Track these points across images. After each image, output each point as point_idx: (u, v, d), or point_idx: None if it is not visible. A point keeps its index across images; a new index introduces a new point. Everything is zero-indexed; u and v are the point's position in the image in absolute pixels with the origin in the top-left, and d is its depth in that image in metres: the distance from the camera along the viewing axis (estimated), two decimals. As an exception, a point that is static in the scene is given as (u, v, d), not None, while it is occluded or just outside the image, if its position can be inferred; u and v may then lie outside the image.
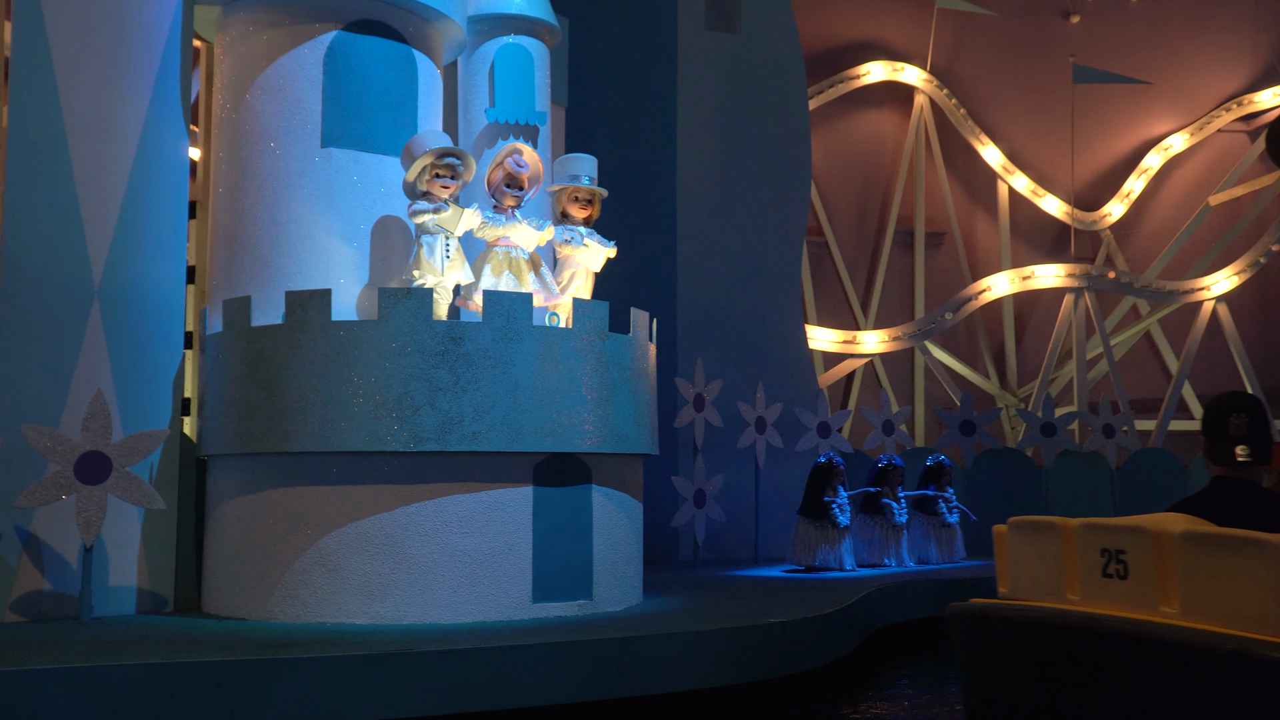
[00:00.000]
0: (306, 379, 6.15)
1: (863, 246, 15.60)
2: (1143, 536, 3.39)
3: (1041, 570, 3.74)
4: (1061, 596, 3.65)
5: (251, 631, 5.76)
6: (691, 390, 10.28)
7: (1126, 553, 3.42)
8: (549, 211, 7.41)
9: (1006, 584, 3.93)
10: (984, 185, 16.18)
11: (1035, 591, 3.76)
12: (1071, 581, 3.62)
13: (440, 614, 6.09)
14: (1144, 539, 3.38)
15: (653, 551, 11.11)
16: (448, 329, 6.14)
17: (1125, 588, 3.41)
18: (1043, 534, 3.76)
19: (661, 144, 11.63)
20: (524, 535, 6.29)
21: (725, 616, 6.39)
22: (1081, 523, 3.63)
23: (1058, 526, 3.71)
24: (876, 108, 15.74)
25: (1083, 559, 3.57)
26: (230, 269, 6.88)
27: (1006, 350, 15.82)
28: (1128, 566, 3.41)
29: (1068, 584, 3.63)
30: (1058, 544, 3.68)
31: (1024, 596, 3.80)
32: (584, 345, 6.47)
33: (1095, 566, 3.52)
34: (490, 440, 6.11)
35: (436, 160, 6.61)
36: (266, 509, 6.31)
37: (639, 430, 6.81)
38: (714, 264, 11.63)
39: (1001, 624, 3.64)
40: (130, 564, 6.64)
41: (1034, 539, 3.80)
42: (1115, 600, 3.44)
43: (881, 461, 10.19)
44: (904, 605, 8.49)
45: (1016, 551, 3.88)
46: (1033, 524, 3.85)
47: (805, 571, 9.41)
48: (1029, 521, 3.89)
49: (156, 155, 6.90)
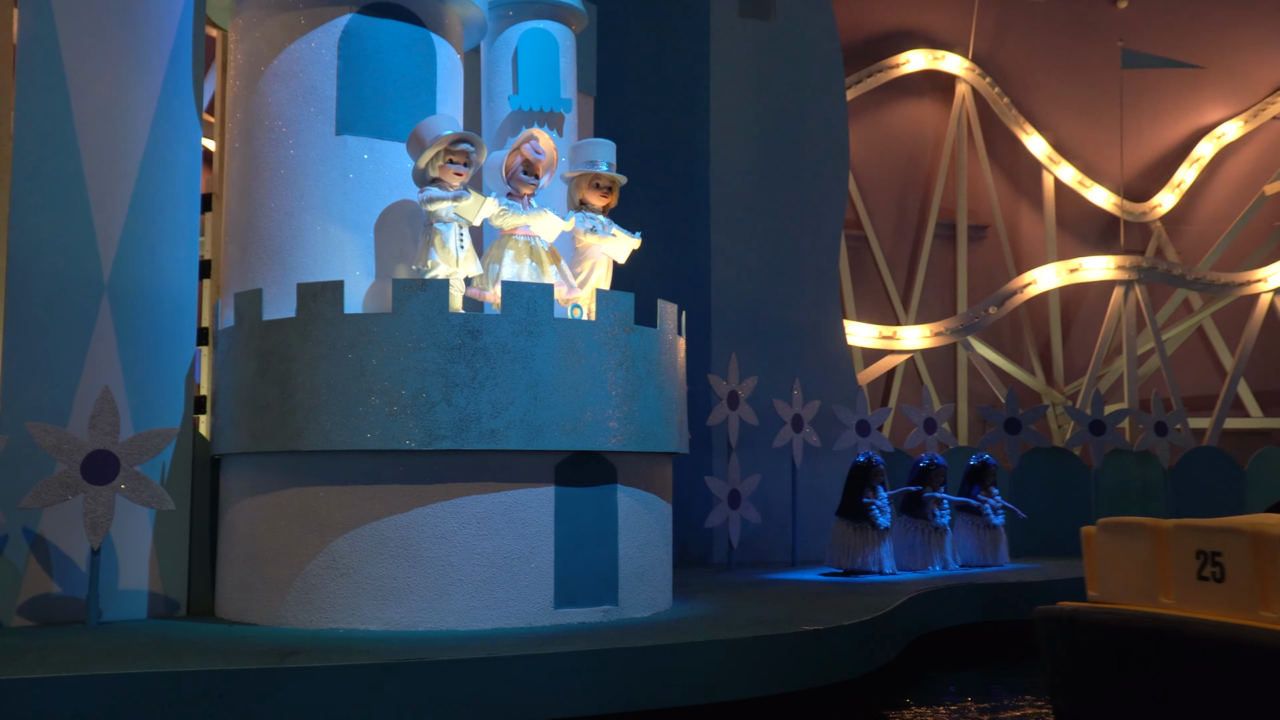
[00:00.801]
0: (319, 375, 5.91)
1: (903, 240, 15.22)
2: (1241, 538, 3.28)
3: (1132, 573, 3.69)
4: (1154, 600, 3.60)
5: (260, 638, 5.52)
6: (725, 387, 9.97)
7: (1223, 555, 3.33)
8: (561, 200, 7.12)
9: (1096, 587, 3.89)
10: (1028, 177, 15.73)
11: (1126, 595, 3.72)
12: (1164, 584, 3.56)
13: (457, 620, 5.82)
14: (1242, 540, 3.27)
15: (686, 554, 10.84)
16: (464, 322, 5.88)
17: (1222, 591, 3.35)
18: (1134, 535, 3.69)
19: (694, 135, 11.31)
20: (545, 538, 6.01)
21: (757, 624, 6.08)
22: (1175, 524, 3.52)
23: (1150, 528, 3.64)
24: (917, 97, 15.35)
25: (1176, 561, 3.51)
26: (243, 262, 6.66)
27: (1053, 346, 15.37)
28: (1224, 569, 3.33)
29: (1160, 587, 3.59)
30: (1150, 546, 3.61)
31: (1114, 600, 3.76)
32: (608, 338, 6.18)
33: (1190, 569, 3.45)
34: (509, 438, 5.84)
35: (450, 146, 6.35)
36: (278, 510, 6.07)
37: (667, 428, 6.52)
38: (749, 257, 11.31)
39: (1090, 628, 3.63)
40: (141, 567, 6.43)
41: (1125, 541, 3.73)
42: (1211, 604, 3.38)
43: (923, 461, 9.82)
44: (947, 611, 8.13)
45: (1106, 553, 3.82)
46: (1123, 525, 3.79)
47: (843, 575, 9.07)
48: (1119, 523, 3.84)
49: (168, 146, 6.70)
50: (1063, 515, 11.48)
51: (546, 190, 7.02)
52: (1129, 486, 11.66)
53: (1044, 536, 11.39)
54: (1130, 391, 13.53)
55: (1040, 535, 11.37)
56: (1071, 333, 15.65)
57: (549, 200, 6.97)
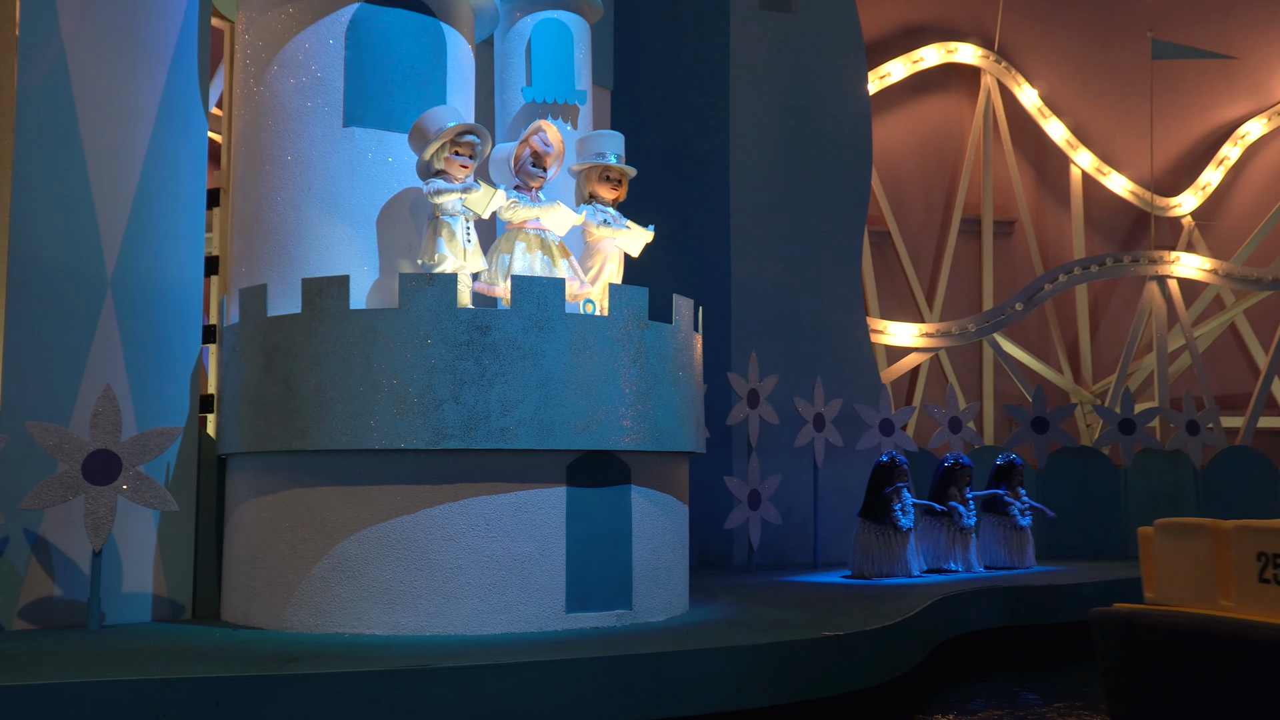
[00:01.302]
0: (324, 372, 5.75)
1: (927, 236, 14.97)
2: None
3: (1191, 574, 3.63)
4: (1213, 602, 3.54)
5: (262, 643, 5.37)
6: (745, 385, 9.77)
7: None
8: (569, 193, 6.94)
9: (1153, 588, 3.83)
10: (1056, 172, 15.45)
11: (1184, 597, 3.66)
12: (1224, 587, 3.49)
13: (466, 625, 5.65)
14: None
15: (706, 556, 10.66)
16: (473, 317, 5.70)
17: None
18: (1193, 537, 3.62)
19: (713, 129, 11.12)
20: (557, 540, 5.83)
21: (776, 628, 5.88)
22: (1236, 525, 3.44)
23: (1209, 529, 3.56)
24: (941, 91, 15.09)
25: (1237, 563, 3.43)
26: (249, 257, 6.51)
27: (1081, 343, 15.08)
28: None
29: (1220, 589, 3.52)
30: (1209, 547, 3.53)
31: (1172, 602, 3.72)
32: (621, 334, 5.99)
33: (1250, 571, 3.37)
34: (519, 437, 5.66)
35: (455, 138, 6.18)
36: (283, 511, 5.92)
37: (683, 426, 6.33)
38: (770, 254, 11.11)
39: (1148, 630, 3.60)
40: (145, 569, 6.29)
41: (1183, 542, 3.67)
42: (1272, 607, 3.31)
43: (948, 460, 9.59)
44: (973, 615, 7.90)
45: (1164, 555, 3.75)
46: (1182, 526, 3.72)
47: (867, 578, 8.86)
48: (1178, 523, 3.77)
49: (173, 139, 6.57)
50: (1091, 516, 11.23)
51: (553, 183, 6.86)
52: (1159, 487, 11.39)
53: (1072, 538, 11.14)
54: (1161, 389, 13.23)
55: (1068, 537, 11.12)
56: (1100, 330, 15.35)
57: (557, 194, 6.79)
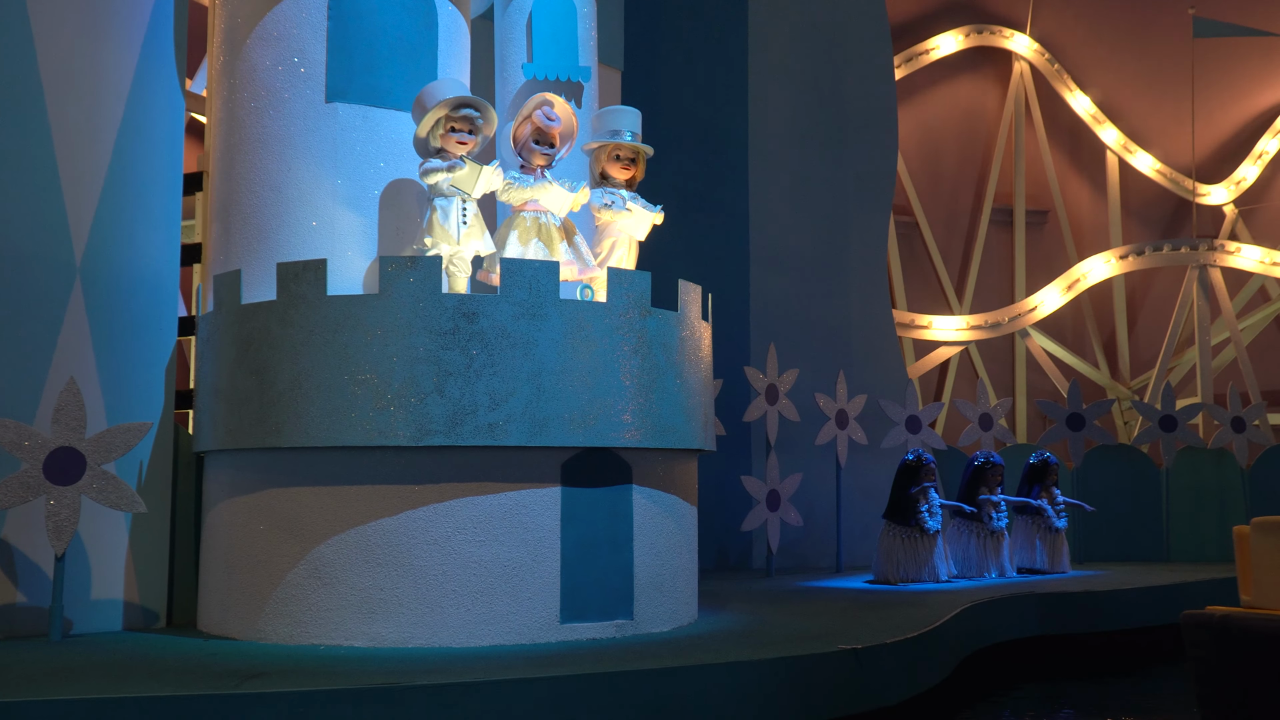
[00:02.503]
0: (299, 363, 5.34)
1: (957, 226, 14.46)
2: None
3: None
4: None
5: (229, 656, 4.96)
6: (763, 380, 9.30)
7: None
8: (582, 174, 6.51)
9: (1249, 591, 3.68)
10: (1091, 159, 14.87)
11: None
12: None
13: (451, 636, 5.22)
14: None
15: (724, 559, 10.21)
16: (459, 303, 5.28)
17: None
18: None
19: (732, 113, 10.65)
20: (550, 544, 5.39)
21: (789, 640, 5.43)
22: None
23: None
24: (972, 75, 14.59)
25: None
26: (226, 242, 6.12)
27: (1118, 336, 14.51)
28: None
29: None
30: None
31: (1271, 605, 3.58)
32: (621, 322, 5.55)
33: None
34: (509, 433, 5.23)
35: (452, 112, 5.76)
36: (257, 513, 5.52)
37: (689, 422, 5.88)
38: (790, 244, 10.65)
39: (1244, 634, 3.48)
40: (116, 575, 5.91)
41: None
42: None
43: (978, 459, 9.08)
44: (1005, 623, 7.41)
45: (1262, 556, 3.58)
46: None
47: (892, 583, 8.38)
48: (1275, 522, 3.62)
49: (147, 117, 6.18)
50: (1131, 518, 10.70)
51: (565, 163, 6.43)
52: (1203, 487, 10.84)
53: (1111, 540, 10.62)
54: (1204, 384, 12.66)
55: (1107, 539, 10.59)
56: (1138, 323, 14.77)
57: (568, 174, 6.35)
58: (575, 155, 6.57)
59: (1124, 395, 14.18)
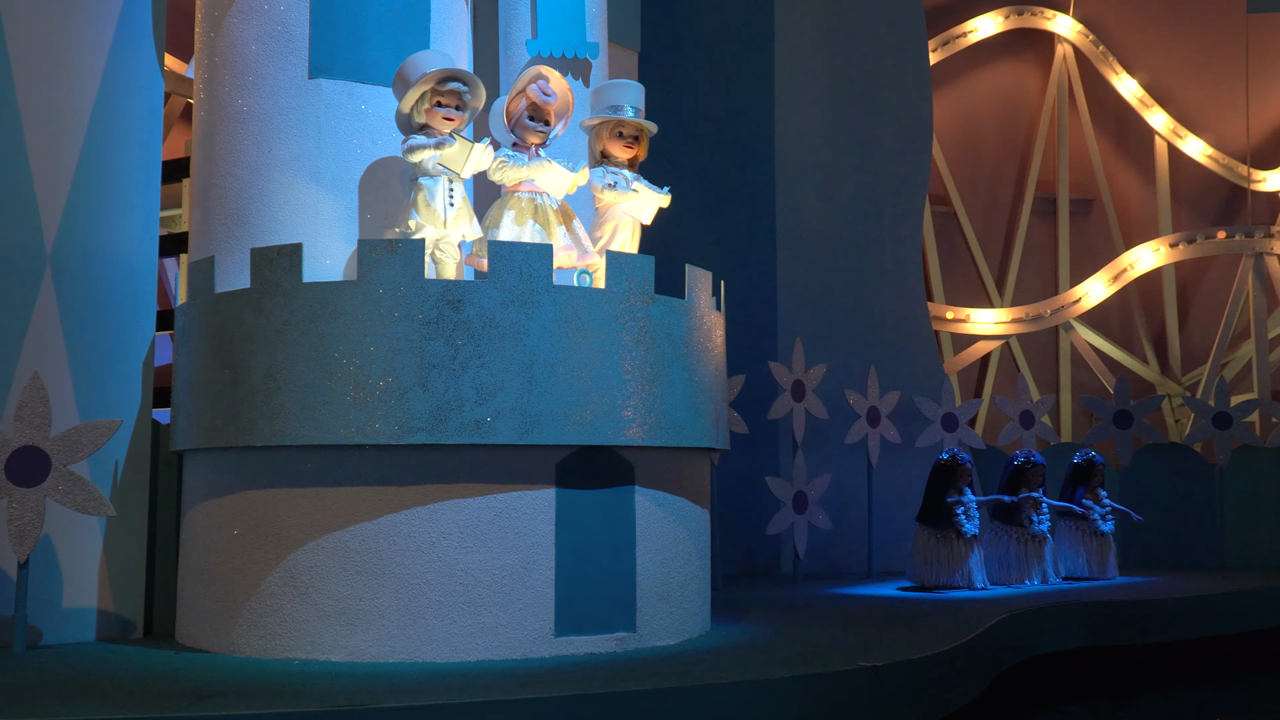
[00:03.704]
0: (274, 356, 4.96)
1: (997, 216, 13.88)
2: None
3: None
4: None
5: (195, 672, 4.59)
6: (789, 376, 8.82)
7: None
8: (581, 154, 6.08)
9: None
10: (1138, 145, 14.24)
11: None
12: None
13: (435, 650, 4.82)
14: None
15: (752, 565, 9.74)
16: (443, 290, 4.87)
17: None
18: None
19: (756, 97, 10.15)
20: (544, 550, 4.98)
21: (805, 656, 4.98)
22: None
23: None
24: (1012, 59, 14.00)
25: None
26: (206, 228, 5.76)
27: (1168, 329, 13.85)
28: None
29: None
30: None
31: None
32: (621, 310, 5.12)
33: None
34: (498, 430, 4.82)
35: (438, 86, 5.35)
36: (231, 516, 5.14)
37: (698, 418, 5.43)
38: (819, 234, 10.15)
39: None
40: (90, 582, 5.56)
41: None
42: None
43: (1018, 459, 8.54)
44: (1046, 635, 6.89)
45: None
46: None
47: (925, 590, 7.88)
48: None
49: (124, 96, 5.84)
50: (1183, 521, 10.09)
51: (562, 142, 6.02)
52: (1260, 487, 10.21)
53: (1161, 545, 10.03)
54: (1261, 380, 12.01)
55: (1156, 544, 10.00)
56: (1190, 315, 14.09)
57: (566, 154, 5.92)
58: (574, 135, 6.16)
59: (1175, 391, 13.55)
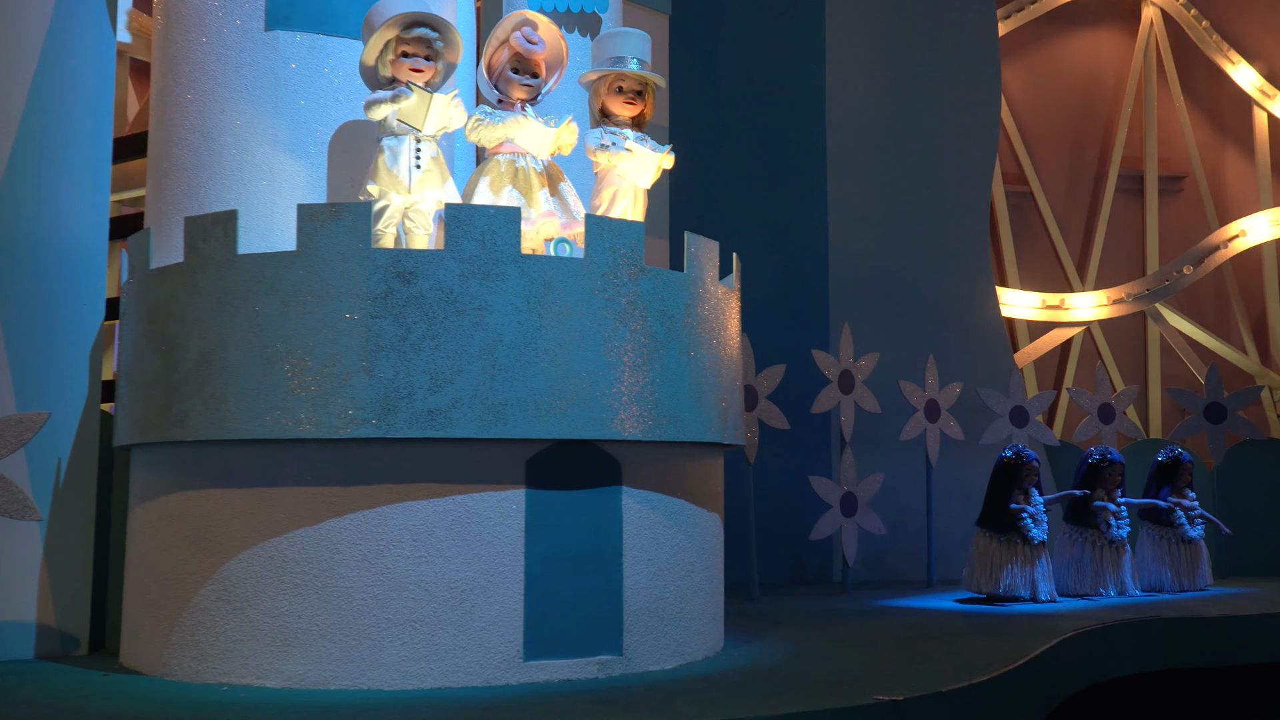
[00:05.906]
0: (207, 338, 4.37)
1: (1078, 195, 12.89)
2: None
3: None
4: None
5: (114, 701, 4.01)
6: (836, 366, 8.03)
7: None
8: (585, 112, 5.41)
9: None
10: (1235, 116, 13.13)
11: None
12: None
13: (384, 676, 4.17)
14: None
15: (801, 573, 8.98)
16: (392, 261, 4.23)
17: None
18: None
19: (806, 67, 9.38)
20: (512, 561, 4.30)
21: (820, 684, 4.24)
22: None
23: None
24: (1093, 27, 13.02)
25: None
26: (159, 198, 5.20)
27: (1269, 314, 12.74)
28: None
29: None
30: None
31: None
32: (604, 283, 4.43)
33: None
34: (456, 422, 4.16)
35: (403, 32, 4.72)
36: (165, 520, 4.56)
37: (699, 409, 4.71)
38: (875, 215, 9.36)
39: None
40: (28, 593, 5.02)
41: None
42: None
43: (1093, 456, 7.65)
44: (1121, 655, 6.02)
45: None
46: None
47: (986, 602, 7.06)
48: None
49: (69, 61, 5.31)
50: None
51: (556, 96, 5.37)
52: (1373, 488, 9.17)
53: (1257, 552, 9.02)
54: (1372, 369, 10.90)
55: (1252, 550, 9.00)
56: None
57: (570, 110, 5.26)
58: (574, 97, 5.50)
59: (1275, 383, 12.45)
